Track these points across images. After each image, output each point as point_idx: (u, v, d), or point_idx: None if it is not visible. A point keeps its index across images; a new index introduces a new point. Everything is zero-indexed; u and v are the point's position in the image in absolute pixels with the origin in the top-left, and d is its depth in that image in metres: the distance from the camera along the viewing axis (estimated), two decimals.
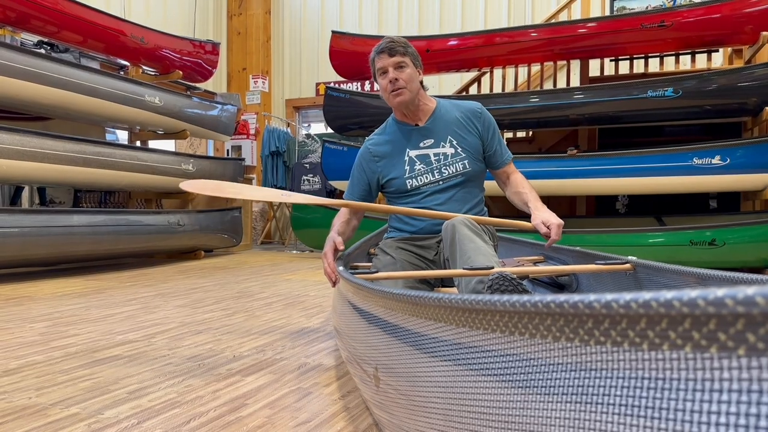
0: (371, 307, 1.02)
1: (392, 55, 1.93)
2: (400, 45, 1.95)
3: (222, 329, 2.13)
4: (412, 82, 1.96)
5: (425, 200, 1.99)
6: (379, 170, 2.02)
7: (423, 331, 0.72)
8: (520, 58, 5.00)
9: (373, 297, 0.99)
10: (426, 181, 1.98)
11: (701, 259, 3.95)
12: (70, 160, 3.86)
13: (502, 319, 0.53)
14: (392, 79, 1.92)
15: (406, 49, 1.95)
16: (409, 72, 1.95)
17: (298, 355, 1.75)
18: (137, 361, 1.68)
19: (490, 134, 2.03)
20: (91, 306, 2.64)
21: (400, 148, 2.01)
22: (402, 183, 1.98)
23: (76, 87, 4.00)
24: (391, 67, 1.93)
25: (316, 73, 7.92)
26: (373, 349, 0.98)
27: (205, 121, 5.58)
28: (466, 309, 0.61)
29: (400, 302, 0.81)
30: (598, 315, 0.41)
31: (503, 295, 1.30)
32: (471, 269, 1.54)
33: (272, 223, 7.71)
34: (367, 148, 2.07)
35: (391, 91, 1.94)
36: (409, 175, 1.98)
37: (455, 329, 0.64)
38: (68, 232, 3.71)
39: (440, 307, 0.66)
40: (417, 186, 1.98)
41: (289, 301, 2.80)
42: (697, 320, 0.34)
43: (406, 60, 1.94)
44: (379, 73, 1.97)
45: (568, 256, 2.12)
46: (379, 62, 1.95)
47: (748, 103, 4.25)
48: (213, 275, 3.89)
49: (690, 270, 1.23)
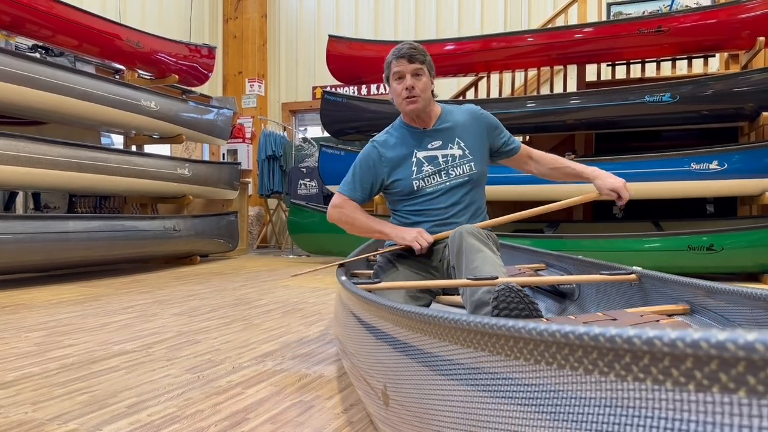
0: (379, 322, 1.00)
1: (412, 62, 1.92)
2: (420, 53, 1.95)
3: (220, 338, 2.10)
4: (426, 91, 1.97)
5: (431, 202, 1.98)
6: (385, 171, 2.01)
7: (439, 353, 0.70)
8: (518, 63, 5.00)
9: (383, 313, 0.97)
10: (433, 182, 1.97)
11: (699, 264, 3.95)
12: (65, 165, 3.82)
13: (527, 347, 0.52)
14: (409, 86, 1.92)
15: (425, 58, 1.96)
16: (425, 81, 1.95)
17: (299, 366, 1.73)
18: (135, 373, 1.65)
19: (496, 129, 2.07)
20: (87, 314, 2.60)
21: (408, 149, 2.00)
22: (408, 184, 1.97)
23: (71, 91, 3.96)
24: (409, 74, 1.92)
25: (313, 77, 7.89)
26: (381, 366, 0.95)
27: (201, 126, 5.55)
28: (488, 333, 0.59)
29: (414, 321, 0.79)
30: (637, 351, 0.39)
31: (510, 307, 1.29)
32: (475, 279, 1.52)
33: (268, 228, 7.67)
34: (374, 147, 2.05)
35: (405, 97, 1.93)
36: (417, 176, 1.98)
37: (474, 353, 0.62)
38: (63, 238, 3.67)
39: (459, 330, 0.64)
40: (423, 187, 1.98)
41: (287, 308, 2.77)
42: (753, 364, 0.32)
43: (423, 68, 1.94)
44: (395, 77, 1.96)
45: (569, 265, 2.11)
46: (397, 66, 1.94)
47: (745, 108, 4.26)
48: (209, 281, 3.86)
49: (697, 282, 1.22)
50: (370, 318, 1.07)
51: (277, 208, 7.58)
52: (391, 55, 1.99)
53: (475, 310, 1.56)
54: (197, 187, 5.25)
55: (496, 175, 3.69)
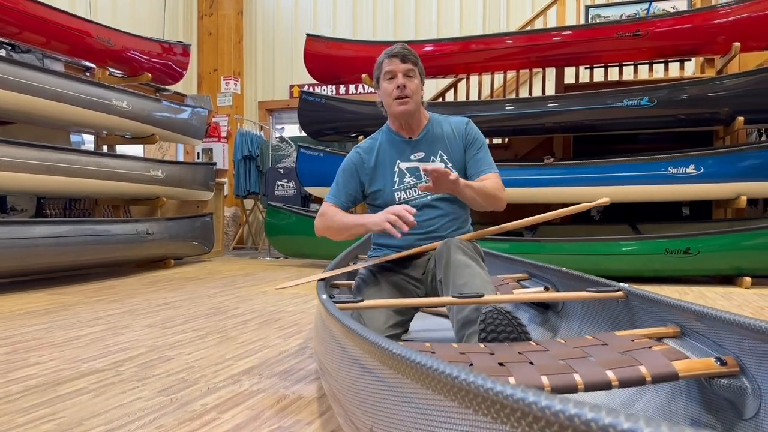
0: (364, 356, 0.95)
1: (404, 62, 1.88)
2: (413, 54, 1.91)
3: (195, 354, 2.03)
4: (417, 93, 1.93)
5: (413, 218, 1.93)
6: (367, 179, 1.96)
7: (436, 407, 0.65)
8: (497, 65, 4.99)
9: (368, 347, 0.92)
10: (415, 194, 1.93)
11: (676, 267, 3.99)
12: (33, 168, 3.68)
13: (513, 414, 0.47)
14: (400, 85, 1.87)
15: (417, 60, 1.92)
16: (417, 83, 1.91)
17: (277, 386, 1.66)
18: (104, 396, 1.57)
19: (473, 144, 1.99)
20: (54, 327, 2.50)
21: (390, 159, 1.96)
22: (390, 195, 1.93)
23: (39, 91, 3.81)
24: (401, 73, 1.88)
25: (290, 75, 7.79)
26: (368, 405, 0.90)
27: (175, 125, 5.42)
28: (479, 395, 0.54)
29: (406, 367, 0.74)
30: None
31: (498, 330, 1.25)
32: (462, 296, 1.48)
33: (245, 228, 7.55)
34: (358, 153, 2.01)
35: (396, 97, 1.89)
36: (398, 187, 1.94)
37: (469, 413, 0.57)
38: (30, 244, 3.53)
39: (457, 389, 0.59)
40: (405, 199, 1.93)
41: (264, 318, 2.70)
42: None
43: (415, 70, 1.91)
44: (386, 77, 1.91)
45: (553, 276, 2.08)
46: (389, 65, 1.90)
47: (721, 113, 4.31)
48: (183, 288, 3.76)
49: (687, 305, 1.19)
50: (354, 350, 1.02)
51: (253, 209, 7.46)
52: (383, 54, 1.94)
53: (461, 328, 1.53)
54: (171, 188, 5.13)
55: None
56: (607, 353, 1.09)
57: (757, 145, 4.03)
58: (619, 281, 1.57)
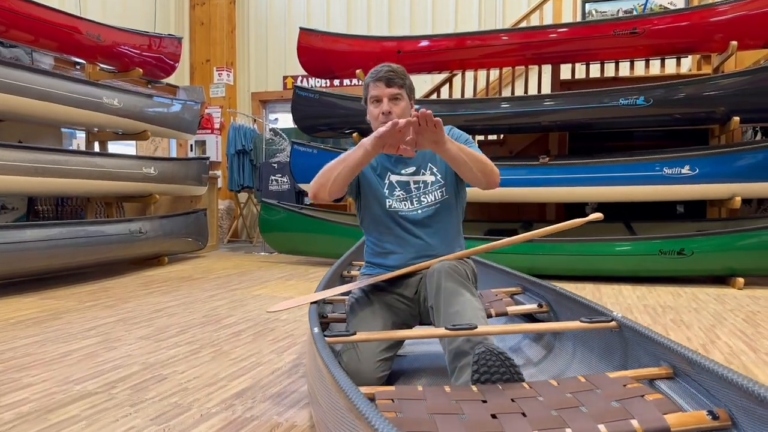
0: (343, 408, 0.94)
1: (389, 86, 1.85)
2: (399, 76, 1.87)
3: (188, 373, 2.02)
4: (404, 116, 1.89)
5: (402, 230, 1.92)
6: (362, 177, 1.95)
7: None
8: (492, 62, 4.95)
9: (347, 404, 0.91)
10: (404, 208, 1.92)
11: (670, 267, 4.01)
12: (23, 170, 3.64)
13: None
14: (385, 111, 1.84)
15: (404, 81, 1.88)
16: (403, 106, 1.88)
17: (270, 412, 1.66)
18: (97, 425, 1.57)
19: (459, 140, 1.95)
20: (47, 339, 2.48)
21: (383, 170, 1.95)
22: (382, 202, 1.92)
23: (29, 92, 3.75)
24: (386, 98, 1.85)
25: (283, 66, 7.71)
26: None
27: (167, 121, 5.36)
28: None
29: None
30: None
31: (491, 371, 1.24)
32: (454, 328, 1.47)
33: (239, 221, 7.53)
34: None
35: (382, 122, 1.86)
36: (389, 195, 1.92)
37: None
38: (22, 248, 3.50)
39: None
40: (396, 209, 1.92)
41: (258, 328, 2.70)
42: None
43: (402, 92, 1.87)
44: (372, 101, 1.89)
45: (547, 293, 2.08)
46: (374, 89, 1.87)
47: (717, 112, 4.30)
48: (177, 290, 3.74)
49: (677, 348, 1.18)
50: (335, 396, 1.01)
51: (247, 202, 7.43)
52: (369, 77, 1.91)
53: (454, 359, 1.52)
54: (164, 185, 5.09)
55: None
56: (599, 402, 1.09)
57: (751, 146, 4.03)
58: (614, 281, 1.57)
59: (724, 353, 2.34)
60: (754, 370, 2.12)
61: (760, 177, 3.97)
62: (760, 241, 3.86)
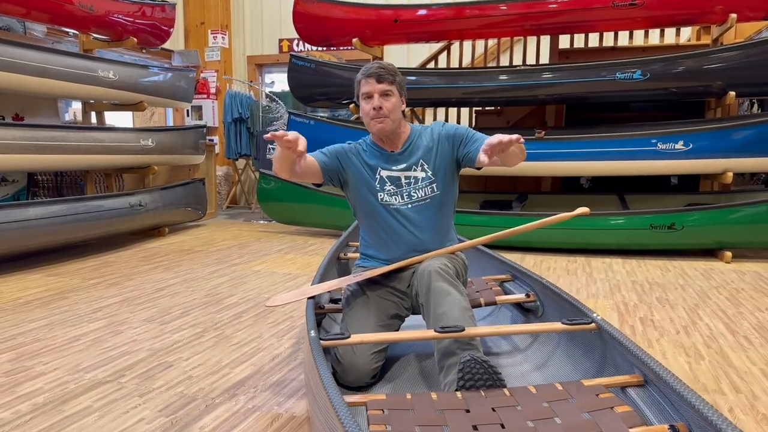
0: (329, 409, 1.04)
1: (380, 82, 1.89)
2: (389, 72, 1.91)
3: (192, 360, 2.13)
4: (395, 111, 1.94)
5: (395, 222, 1.99)
6: (348, 168, 2.01)
7: None
8: (490, 32, 4.90)
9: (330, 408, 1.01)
10: (395, 203, 1.98)
11: (660, 241, 4.10)
12: (21, 148, 3.67)
13: None
14: (376, 107, 1.89)
15: (395, 78, 1.92)
16: (394, 101, 1.92)
17: (270, 403, 1.77)
18: (109, 417, 1.68)
19: (461, 136, 2.00)
20: (54, 323, 2.59)
21: (373, 165, 2.01)
22: (373, 196, 1.98)
23: (24, 68, 3.74)
24: (377, 94, 1.90)
25: (279, 29, 7.59)
26: None
27: (163, 90, 5.34)
28: None
29: None
30: None
31: (475, 378, 1.33)
32: (443, 331, 1.56)
33: (237, 187, 7.58)
34: (347, 145, 2.06)
35: (373, 117, 1.91)
36: (380, 188, 1.98)
37: None
38: (25, 226, 3.57)
39: None
40: (388, 202, 1.98)
41: (258, 309, 2.80)
42: None
43: (392, 89, 1.91)
44: (363, 97, 1.94)
45: (534, 283, 2.17)
46: (365, 86, 1.91)
47: (713, 86, 4.30)
48: (179, 265, 3.84)
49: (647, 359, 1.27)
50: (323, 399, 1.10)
51: (245, 168, 7.46)
52: (361, 73, 1.95)
53: (442, 358, 1.62)
54: (162, 156, 5.12)
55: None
56: (572, 413, 1.19)
57: (742, 122, 4.05)
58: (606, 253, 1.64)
59: (704, 336, 2.45)
60: (730, 355, 2.23)
61: (750, 152, 4.02)
62: (747, 216, 3.94)
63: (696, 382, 1.96)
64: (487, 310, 2.50)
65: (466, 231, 3.46)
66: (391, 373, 1.93)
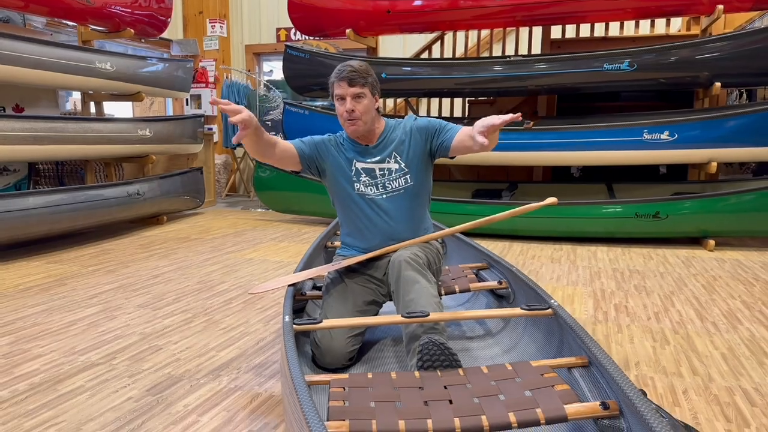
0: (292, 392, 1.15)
1: (352, 86, 1.98)
2: (361, 75, 1.99)
3: (181, 344, 2.25)
4: (367, 113, 2.03)
5: (371, 212, 2.09)
6: (326, 159, 2.11)
7: None
8: (483, 23, 4.95)
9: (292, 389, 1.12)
10: (370, 193, 2.08)
11: (645, 230, 4.19)
12: (21, 139, 3.78)
13: None
14: (348, 110, 1.98)
15: (366, 80, 2.00)
16: (366, 103, 2.01)
17: (252, 383, 1.89)
18: (99, 395, 1.80)
19: (434, 129, 2.10)
20: (52, 308, 2.71)
21: (350, 157, 2.10)
22: (350, 186, 2.08)
23: (22, 61, 3.84)
24: (349, 97, 1.98)
25: (277, 18, 7.64)
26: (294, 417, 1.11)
27: (161, 81, 5.43)
28: None
29: None
30: None
31: (432, 359, 1.44)
32: (409, 316, 1.67)
33: (236, 176, 7.68)
34: (326, 137, 2.15)
35: (346, 119, 2.01)
36: (356, 179, 2.08)
37: None
38: (25, 215, 3.69)
39: None
40: (363, 192, 2.08)
41: (248, 296, 2.91)
42: None
43: (365, 91, 2.00)
44: (337, 98, 2.02)
45: (507, 272, 2.27)
46: (338, 89, 2.01)
47: (700, 77, 4.36)
48: (175, 253, 3.96)
49: (592, 344, 1.38)
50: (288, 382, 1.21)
51: (244, 156, 7.56)
52: (334, 75, 2.04)
53: (409, 341, 1.73)
54: (160, 146, 5.22)
55: None
56: (516, 390, 1.30)
57: (727, 113, 4.12)
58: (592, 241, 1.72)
59: (673, 322, 2.55)
60: (695, 340, 2.33)
61: (734, 142, 4.09)
62: (730, 205, 4.02)
63: (657, 365, 2.06)
64: (465, 297, 2.61)
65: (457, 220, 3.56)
66: (367, 356, 2.04)
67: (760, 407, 1.74)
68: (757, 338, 2.34)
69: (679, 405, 1.75)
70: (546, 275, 3.38)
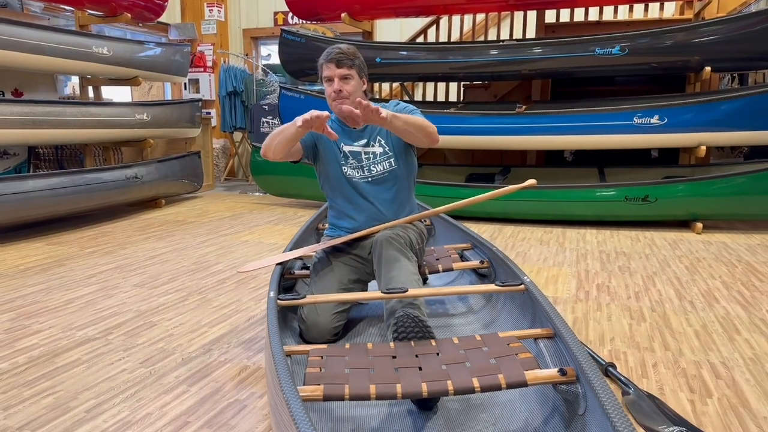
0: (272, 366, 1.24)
1: (339, 67, 2.04)
2: (348, 57, 2.05)
3: (175, 320, 2.34)
4: (355, 93, 2.09)
5: (357, 194, 2.17)
6: (321, 145, 2.18)
7: None
8: (477, 7, 4.98)
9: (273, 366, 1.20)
10: (356, 176, 2.16)
11: (635, 213, 4.25)
12: (20, 123, 3.85)
13: None
14: (336, 90, 2.05)
15: (354, 62, 2.07)
16: (354, 84, 2.08)
17: (241, 356, 1.98)
18: (95, 367, 1.89)
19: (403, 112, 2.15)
20: (52, 287, 2.80)
21: (338, 140, 2.17)
22: (338, 168, 2.16)
23: (20, 46, 3.89)
24: (337, 78, 2.05)
25: (274, 2, 7.65)
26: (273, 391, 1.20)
27: (158, 65, 5.47)
28: None
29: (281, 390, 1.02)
30: None
31: (407, 331, 1.53)
32: (388, 292, 1.75)
33: (235, 159, 7.74)
34: None
35: (334, 99, 2.07)
36: (343, 162, 2.15)
37: None
38: (26, 198, 3.77)
39: None
40: (351, 176, 2.16)
41: (241, 276, 3.00)
42: None
43: (352, 72, 2.06)
44: (325, 80, 2.09)
45: (489, 252, 2.35)
46: (326, 70, 2.07)
47: (691, 62, 4.39)
48: (172, 235, 4.04)
49: (555, 317, 1.46)
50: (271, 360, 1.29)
51: (242, 140, 7.61)
52: (322, 57, 2.10)
53: (388, 316, 1.81)
54: (158, 130, 5.28)
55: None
56: (482, 359, 1.38)
57: (716, 97, 4.16)
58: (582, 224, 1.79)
59: (653, 301, 2.63)
60: (671, 317, 2.41)
61: (723, 126, 4.14)
62: (719, 188, 4.08)
63: (631, 341, 2.15)
64: (451, 276, 2.69)
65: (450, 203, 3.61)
66: (353, 332, 2.13)
67: (724, 379, 1.82)
68: (732, 316, 2.42)
69: (647, 377, 1.83)
70: (533, 256, 3.46)
